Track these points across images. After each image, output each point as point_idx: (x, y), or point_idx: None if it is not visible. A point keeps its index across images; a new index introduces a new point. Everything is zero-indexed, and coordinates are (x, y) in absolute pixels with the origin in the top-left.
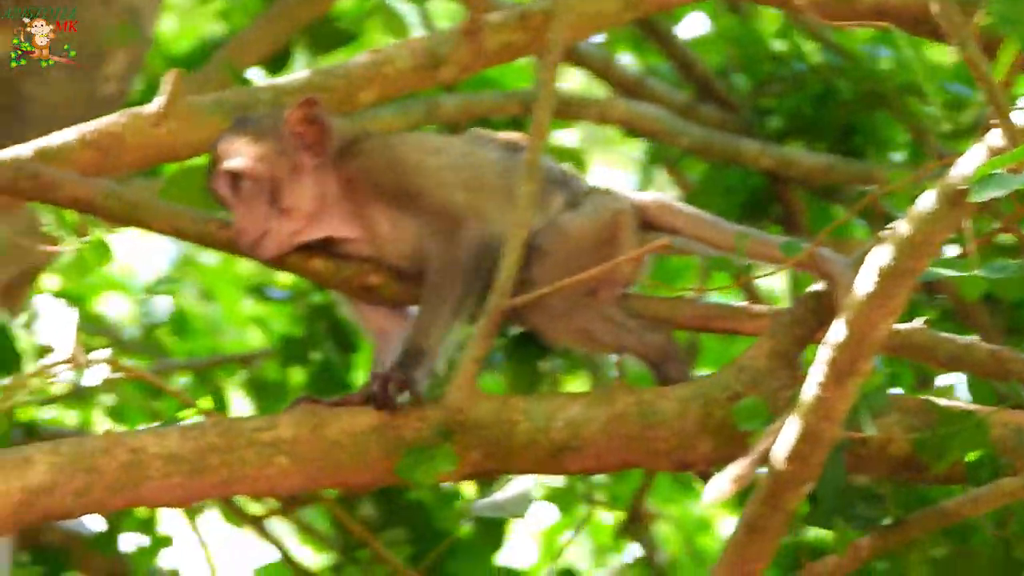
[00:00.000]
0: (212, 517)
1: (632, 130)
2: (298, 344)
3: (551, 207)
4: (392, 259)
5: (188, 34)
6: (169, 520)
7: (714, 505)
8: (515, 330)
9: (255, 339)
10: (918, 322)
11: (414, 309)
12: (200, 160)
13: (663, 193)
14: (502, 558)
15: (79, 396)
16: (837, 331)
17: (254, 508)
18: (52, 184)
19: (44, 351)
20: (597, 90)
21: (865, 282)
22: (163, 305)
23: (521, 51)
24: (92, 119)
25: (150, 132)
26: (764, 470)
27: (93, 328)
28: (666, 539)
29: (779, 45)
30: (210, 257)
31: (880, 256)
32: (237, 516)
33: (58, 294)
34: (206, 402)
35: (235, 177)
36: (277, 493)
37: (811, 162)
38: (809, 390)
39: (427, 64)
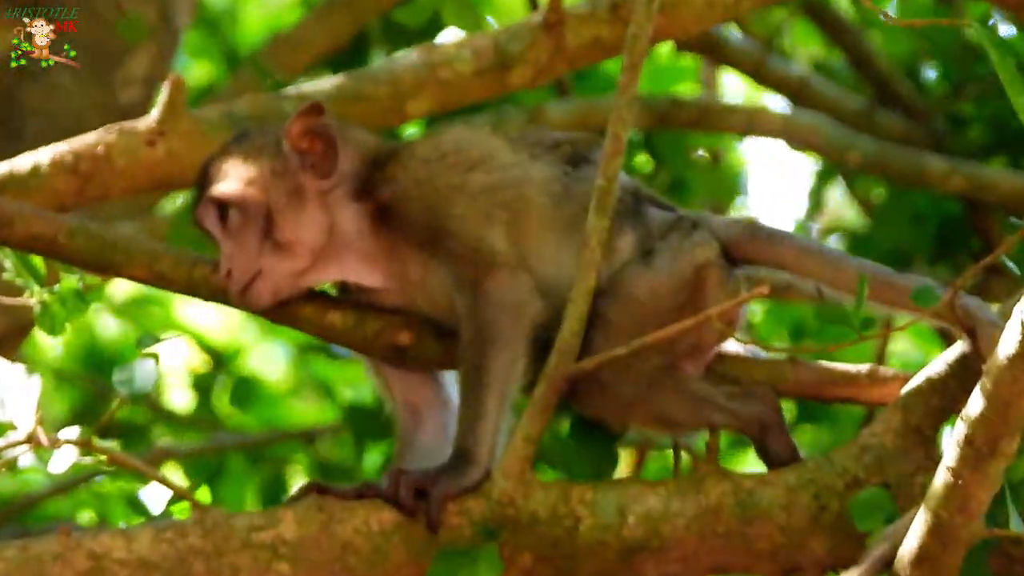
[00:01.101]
0: None
1: (792, 143)
2: (369, 415)
3: (618, 252)
4: (426, 311)
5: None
6: None
7: None
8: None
9: (319, 409)
10: None
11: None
12: None
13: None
14: None
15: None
16: (975, 403)
17: None
18: (5, 219)
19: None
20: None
21: (1009, 341)
22: (147, 370)
23: (613, 49)
24: None
25: (144, 152)
26: None
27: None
28: None
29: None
30: None
31: None
32: None
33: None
34: (203, 494)
35: (222, 206)
36: None
37: (1011, 183)
38: (940, 476)
39: (494, 65)
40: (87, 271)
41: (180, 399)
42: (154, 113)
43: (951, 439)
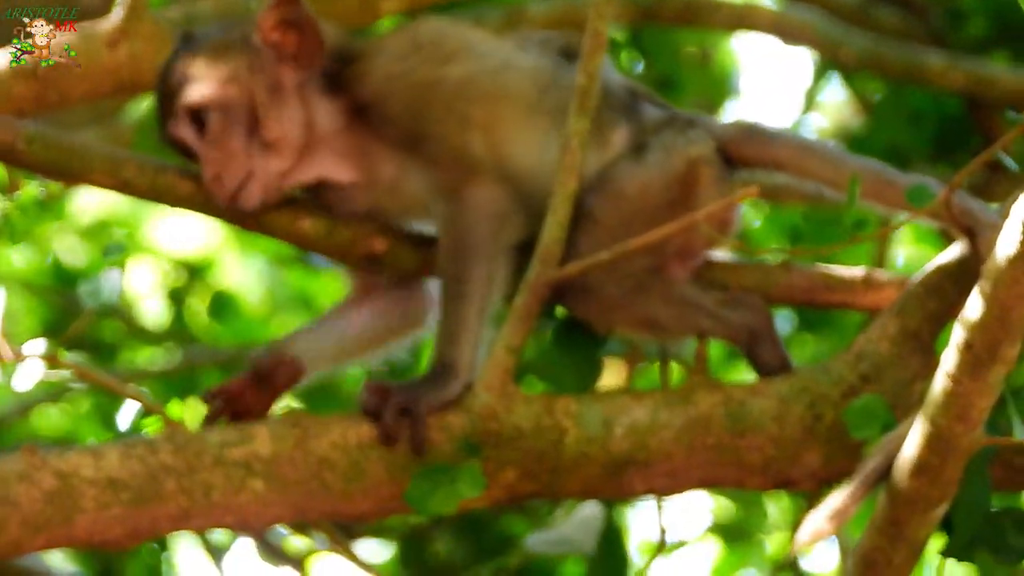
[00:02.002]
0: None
1: (784, 39)
2: None
3: (609, 146)
4: (396, 214)
5: None
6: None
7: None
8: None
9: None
10: None
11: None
12: None
13: (749, 121)
14: None
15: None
16: (973, 306)
17: (294, 543)
18: None
19: None
20: None
21: (1008, 242)
22: (113, 280)
23: None
24: None
25: (105, 55)
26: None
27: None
28: None
29: None
30: None
31: None
32: (273, 556)
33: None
34: (175, 408)
35: (197, 113)
36: (252, 526)
37: (1014, 80)
38: (939, 382)
39: None
40: (48, 178)
41: (153, 314)
42: (115, 14)
43: (950, 345)
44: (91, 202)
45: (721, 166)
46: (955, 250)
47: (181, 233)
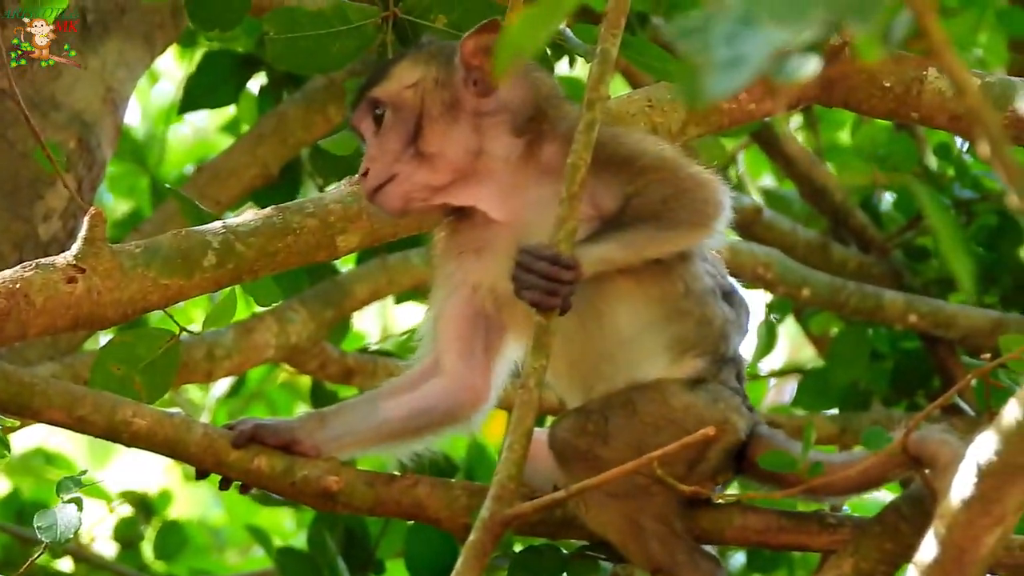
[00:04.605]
0: None
1: (740, 279)
2: (302, 561)
3: (678, 368)
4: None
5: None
6: None
7: None
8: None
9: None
10: None
11: None
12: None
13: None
14: None
15: None
16: (928, 548)
17: None
18: None
19: None
20: None
21: (963, 483)
22: (69, 515)
23: None
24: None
25: (63, 291)
26: None
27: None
28: None
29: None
30: None
31: (981, 449)
32: None
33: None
34: None
35: (376, 106)
36: None
37: (972, 319)
38: None
39: None
40: (3, 414)
41: (107, 548)
42: (73, 248)
43: None
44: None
45: (732, 450)
46: (912, 490)
47: (133, 472)
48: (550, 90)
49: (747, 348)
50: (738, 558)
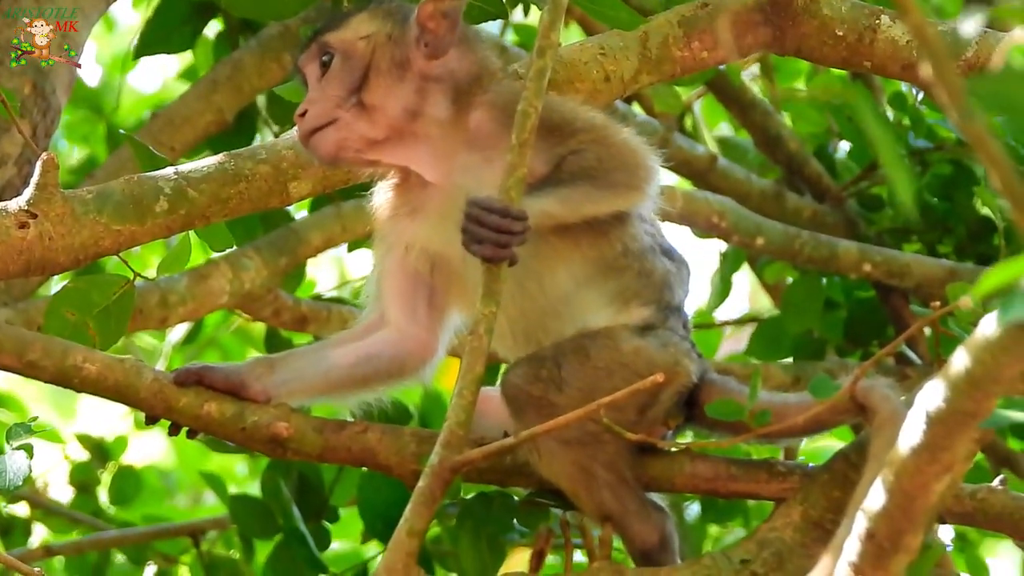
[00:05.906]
0: None
1: (694, 228)
2: (255, 508)
3: (626, 314)
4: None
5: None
6: None
7: None
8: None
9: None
10: (996, 481)
11: None
12: (83, 269)
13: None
14: None
15: None
16: (876, 495)
17: None
18: None
19: None
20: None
21: (912, 431)
22: (19, 462)
23: None
24: None
25: (14, 236)
26: None
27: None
28: None
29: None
30: None
31: (930, 397)
32: None
33: None
34: None
35: (325, 52)
36: None
37: (925, 268)
38: (842, 572)
39: None
40: None
41: (63, 493)
42: (25, 194)
43: (851, 534)
44: None
45: (683, 395)
46: (860, 438)
47: (99, 421)
48: (495, 66)
49: (699, 299)
50: (694, 508)
